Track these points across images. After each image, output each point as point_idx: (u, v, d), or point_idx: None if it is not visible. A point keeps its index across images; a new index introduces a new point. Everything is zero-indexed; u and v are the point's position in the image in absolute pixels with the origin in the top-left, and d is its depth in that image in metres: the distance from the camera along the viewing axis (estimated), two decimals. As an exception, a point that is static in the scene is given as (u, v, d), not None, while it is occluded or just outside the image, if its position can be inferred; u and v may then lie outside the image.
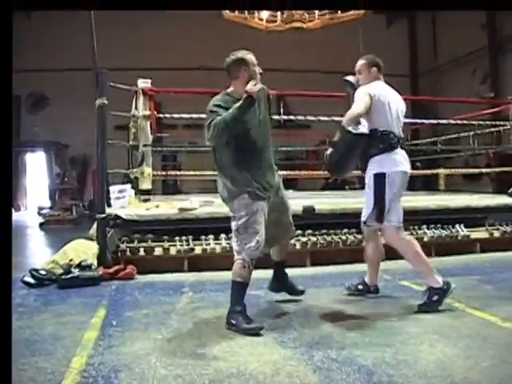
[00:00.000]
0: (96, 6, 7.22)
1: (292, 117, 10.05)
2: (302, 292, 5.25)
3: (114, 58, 15.30)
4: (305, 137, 19.06)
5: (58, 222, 14.89)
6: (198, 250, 6.79)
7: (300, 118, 9.97)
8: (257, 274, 4.94)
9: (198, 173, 10.09)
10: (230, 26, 14.35)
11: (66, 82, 19.05)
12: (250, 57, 4.71)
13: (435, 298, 4.72)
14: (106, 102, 7.02)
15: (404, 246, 5.03)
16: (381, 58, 5.39)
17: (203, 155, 17.63)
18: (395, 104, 5.18)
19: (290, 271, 6.47)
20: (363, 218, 5.14)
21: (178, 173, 11.65)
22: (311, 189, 15.19)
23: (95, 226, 7.03)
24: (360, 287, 5.42)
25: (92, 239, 6.87)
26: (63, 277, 6.03)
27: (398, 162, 4.96)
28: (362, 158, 5.07)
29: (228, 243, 6.84)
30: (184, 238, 7.01)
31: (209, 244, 6.92)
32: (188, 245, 6.87)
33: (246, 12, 12.66)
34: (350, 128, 4.79)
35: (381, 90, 5.13)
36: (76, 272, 6.09)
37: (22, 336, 4.19)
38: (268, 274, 6.32)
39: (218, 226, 6.89)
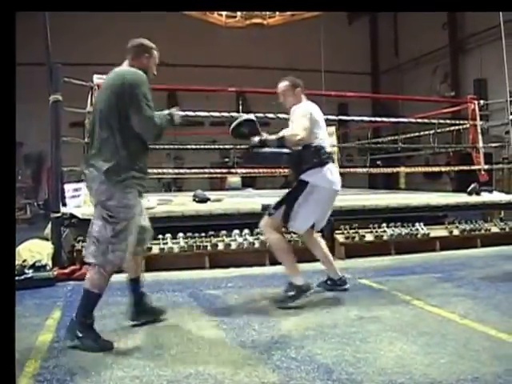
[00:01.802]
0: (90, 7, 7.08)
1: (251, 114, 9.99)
2: (162, 311, 4.63)
3: (71, 53, 15.13)
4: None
5: (12, 222, 14.61)
6: (155, 250, 6.69)
7: (259, 115, 9.92)
8: (212, 273, 4.91)
9: (155, 171, 9.99)
10: (190, 22, 14.27)
11: (20, 77, 18.69)
12: (156, 53, 4.52)
13: (291, 293, 4.96)
14: (60, 97, 6.87)
15: (274, 240, 5.18)
16: (342, 55, 5.48)
17: (162, 152, 17.71)
18: (323, 121, 5.36)
19: (249, 270, 6.45)
20: (271, 207, 5.29)
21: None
22: (270, 187, 15.18)
23: (50, 225, 6.89)
24: (329, 283, 5.58)
25: (47, 239, 6.74)
26: (17, 278, 5.87)
27: (326, 179, 5.10)
28: (296, 170, 5.20)
29: (186, 242, 6.79)
30: (141, 237, 6.88)
31: (166, 243, 6.83)
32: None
33: (205, 7, 12.59)
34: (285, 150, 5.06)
35: (313, 108, 5.29)
36: (30, 273, 5.96)
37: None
38: (223, 272, 6.30)
39: (175, 225, 6.81)
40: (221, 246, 6.86)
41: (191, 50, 19.16)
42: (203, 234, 7.01)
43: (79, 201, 7.36)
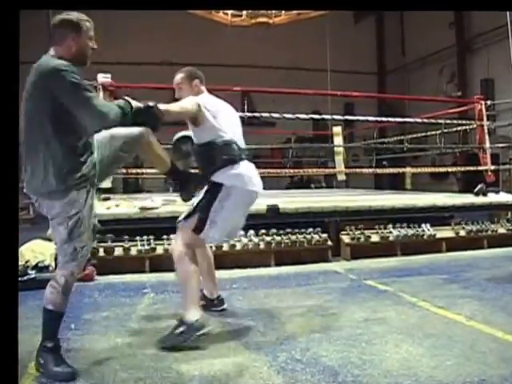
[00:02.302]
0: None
1: (257, 114, 9.98)
2: None
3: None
4: (269, 134, 19.04)
5: (14, 222, 14.58)
6: (159, 250, 6.66)
7: (265, 115, 9.90)
8: (217, 274, 4.87)
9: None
10: (194, 21, 14.26)
11: (23, 76, 18.77)
12: (87, 25, 3.54)
13: (179, 330, 3.95)
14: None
15: (181, 258, 4.17)
16: (348, 54, 5.28)
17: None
18: (231, 113, 4.64)
19: (254, 271, 6.43)
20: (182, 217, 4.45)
21: (139, 171, 11.46)
22: (276, 187, 15.16)
23: (53, 225, 6.87)
24: (202, 303, 4.63)
25: (50, 239, 6.70)
26: (19, 279, 5.86)
27: (242, 179, 4.30)
28: (205, 170, 4.44)
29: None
30: (145, 237, 6.86)
31: (170, 244, 6.79)
32: (149, 245, 6.74)
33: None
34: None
35: (208, 99, 4.53)
36: (33, 273, 5.93)
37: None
38: (228, 273, 6.26)
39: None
40: (226, 247, 6.82)
41: (195, 48, 19.11)
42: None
43: (83, 201, 7.33)
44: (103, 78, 8.16)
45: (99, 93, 8.01)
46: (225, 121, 4.41)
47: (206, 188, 4.35)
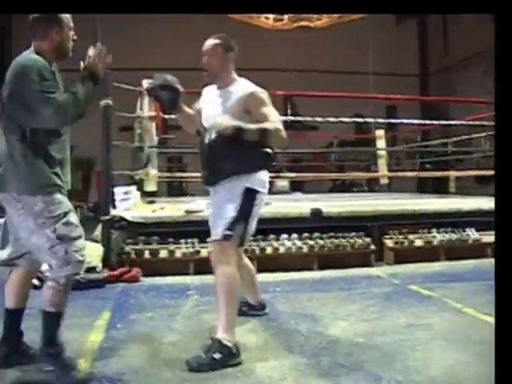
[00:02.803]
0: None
1: (300, 118, 9.98)
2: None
3: (120, 58, 15.27)
4: (312, 138, 18.99)
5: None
6: (203, 253, 6.69)
7: (308, 119, 9.90)
8: (260, 277, 4.89)
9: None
10: (235, 26, 14.30)
11: (68, 81, 19.05)
12: (67, 17, 3.47)
13: (217, 356, 3.57)
14: (110, 102, 6.96)
15: (229, 276, 3.81)
16: (390, 57, 5.09)
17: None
18: None
19: (297, 275, 6.43)
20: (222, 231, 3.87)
21: (183, 174, 11.56)
22: (318, 191, 15.12)
23: (100, 227, 7.00)
24: (244, 309, 4.65)
25: (97, 241, 6.82)
26: (68, 279, 5.98)
27: (264, 184, 4.02)
28: (228, 168, 3.90)
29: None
30: (190, 240, 6.92)
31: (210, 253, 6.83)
32: (194, 247, 6.80)
33: (252, 10, 12.60)
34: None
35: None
36: (81, 274, 6.03)
37: (27, 338, 4.14)
38: (271, 277, 6.27)
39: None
40: (269, 250, 6.85)
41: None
42: (251, 238, 7.00)
43: (129, 204, 7.44)
44: (148, 83, 8.25)
45: (145, 98, 8.13)
46: None
47: (239, 196, 3.88)
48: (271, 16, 12.83)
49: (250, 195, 3.88)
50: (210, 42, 4.12)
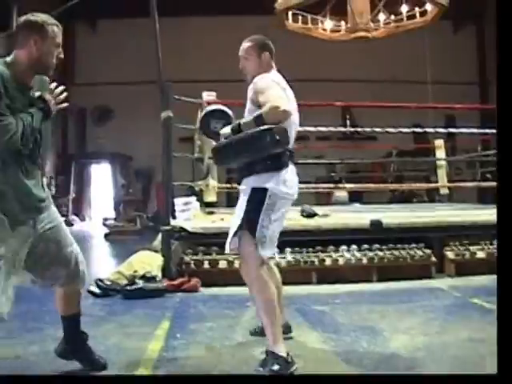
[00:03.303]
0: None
1: (359, 128, 9.93)
2: (104, 366, 3.70)
3: (179, 70, 15.48)
4: (371, 148, 18.85)
5: (122, 233, 15.02)
6: (262, 263, 6.72)
7: (367, 129, 9.84)
8: (319, 289, 4.86)
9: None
10: (292, 37, 14.33)
11: (131, 94, 19.39)
12: (53, 29, 3.18)
13: (276, 367, 3.49)
14: (171, 114, 7.07)
15: (264, 289, 3.68)
16: (448, 65, 4.94)
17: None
18: (294, 104, 4.00)
19: (356, 287, 6.37)
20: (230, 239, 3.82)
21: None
22: (377, 202, 14.99)
23: (159, 237, 7.10)
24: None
25: (156, 251, 6.91)
26: (128, 288, 6.08)
27: (285, 184, 3.73)
28: (243, 169, 3.83)
29: (293, 257, 6.79)
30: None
31: (273, 257, 6.83)
32: (252, 258, 6.79)
33: (310, 22, 12.60)
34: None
35: (285, 83, 3.94)
36: (141, 283, 6.14)
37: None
38: (330, 288, 6.22)
39: (282, 239, 6.82)
40: (328, 262, 6.81)
41: (294, 64, 19.20)
42: (310, 249, 6.99)
43: (188, 214, 7.52)
44: (208, 95, 8.37)
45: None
46: (291, 118, 3.80)
47: (246, 196, 3.77)
48: (328, 27, 12.79)
49: (256, 195, 3.69)
50: (244, 45, 4.09)
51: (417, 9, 11.95)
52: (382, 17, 12.06)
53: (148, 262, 6.58)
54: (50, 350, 3.97)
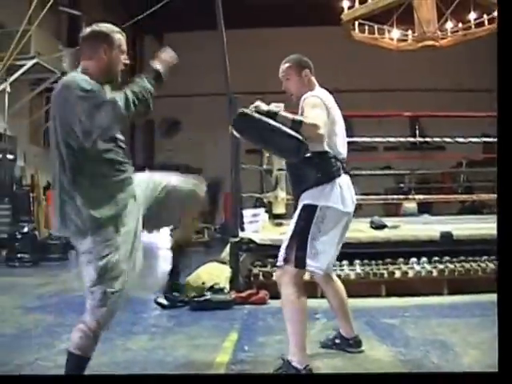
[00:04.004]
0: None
1: (428, 138, 9.79)
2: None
3: (247, 83, 15.59)
4: (440, 159, 18.54)
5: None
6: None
7: (436, 139, 9.69)
8: (388, 301, 4.78)
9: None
10: (359, 48, 14.27)
11: (199, 107, 19.63)
12: (118, 37, 3.30)
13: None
14: (239, 126, 7.12)
15: (291, 298, 3.85)
16: None
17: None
18: (340, 117, 4.10)
19: (426, 300, 6.25)
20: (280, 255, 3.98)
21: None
22: (446, 213, 14.70)
23: (227, 249, 7.13)
24: (337, 341, 4.46)
25: (224, 262, 6.94)
26: (196, 299, 6.12)
27: (335, 197, 3.80)
28: (294, 187, 4.09)
29: (363, 269, 6.73)
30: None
31: (342, 270, 6.77)
32: (321, 270, 6.75)
33: (376, 32, 12.52)
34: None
35: (329, 99, 4.02)
36: (209, 295, 6.18)
37: (155, 357, 4.27)
38: (399, 301, 6.14)
39: (351, 251, 6.77)
40: (398, 274, 6.71)
41: (361, 75, 19.12)
42: (380, 262, 6.90)
43: (257, 226, 7.53)
44: (276, 107, 8.37)
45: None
46: (336, 129, 3.98)
47: (297, 212, 3.89)
48: (395, 37, 12.68)
49: (307, 212, 3.81)
50: (283, 67, 4.21)
51: (485, 16, 11.71)
52: (449, 25, 11.87)
53: (216, 273, 6.62)
54: (119, 361, 4.05)
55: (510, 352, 2.38)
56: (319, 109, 3.77)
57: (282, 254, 3.90)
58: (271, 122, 3.60)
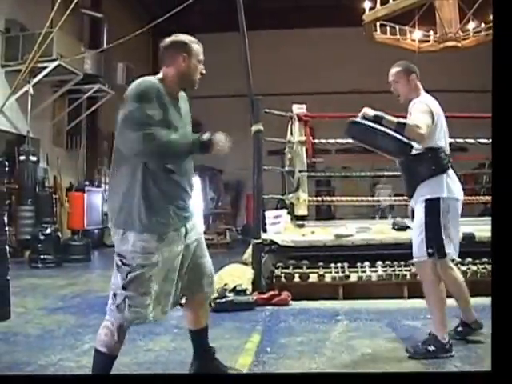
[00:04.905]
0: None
1: (451, 139, 9.71)
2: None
3: (268, 83, 15.59)
4: (462, 160, 18.37)
5: (211, 246, 15.01)
6: (353, 278, 6.64)
7: (459, 140, 9.61)
8: (411, 303, 4.72)
9: (352, 198, 9.94)
10: (381, 49, 14.20)
11: (219, 107, 19.66)
12: (196, 47, 3.51)
13: (431, 348, 4.18)
14: (261, 128, 7.14)
15: (435, 286, 4.34)
16: None
17: (357, 180, 17.69)
18: (442, 115, 4.52)
19: (448, 301, 6.18)
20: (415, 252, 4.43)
21: (332, 198, 11.56)
22: (469, 215, 14.58)
23: (249, 250, 7.13)
24: (459, 329, 4.67)
25: (246, 264, 6.95)
26: (218, 300, 6.12)
27: (450, 188, 4.28)
28: (409, 181, 4.48)
29: (385, 271, 6.69)
30: (339, 264, 6.85)
31: (364, 271, 6.75)
32: (343, 272, 6.72)
33: (398, 33, 12.44)
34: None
35: (433, 102, 4.46)
36: (231, 296, 6.18)
37: (177, 358, 4.29)
38: (421, 303, 6.07)
39: (374, 252, 6.75)
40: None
41: (383, 76, 18.99)
42: (402, 263, 6.86)
43: (279, 227, 7.52)
44: (298, 108, 8.40)
45: (295, 123, 8.26)
46: (441, 126, 4.43)
47: (421, 208, 4.32)
48: (417, 37, 12.60)
49: (431, 206, 4.27)
50: (392, 71, 4.57)
51: (507, 16, 11.60)
52: (471, 25, 11.77)
53: (238, 275, 6.63)
54: (141, 362, 4.08)
55: (504, 351, 2.41)
56: (424, 113, 4.23)
57: (419, 249, 4.35)
58: (378, 126, 4.04)
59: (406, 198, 4.75)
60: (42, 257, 10.65)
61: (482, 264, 6.84)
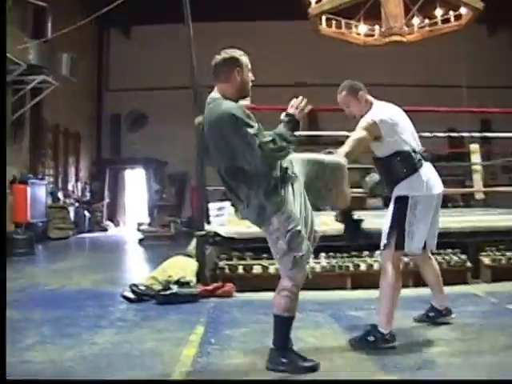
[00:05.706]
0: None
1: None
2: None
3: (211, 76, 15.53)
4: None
5: (156, 238, 15.10)
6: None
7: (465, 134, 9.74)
8: (354, 294, 4.82)
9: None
10: (324, 41, 14.28)
11: (165, 100, 19.53)
12: (245, 59, 3.90)
13: (371, 338, 4.31)
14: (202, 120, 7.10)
15: (390, 275, 4.45)
16: (483, 69, 5.03)
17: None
18: (403, 116, 4.75)
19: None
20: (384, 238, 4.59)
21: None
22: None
23: (193, 242, 7.12)
24: (430, 314, 5.04)
25: (190, 256, 6.94)
26: (162, 293, 6.12)
27: (423, 185, 4.47)
28: (387, 183, 4.73)
29: (328, 262, 6.76)
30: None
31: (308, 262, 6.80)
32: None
33: (344, 27, 12.56)
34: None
35: (384, 111, 4.60)
36: (175, 288, 6.17)
37: (121, 350, 4.28)
38: (365, 294, 6.17)
39: (318, 244, 6.81)
40: (363, 267, 6.78)
41: (327, 69, 19.12)
42: (345, 255, 6.95)
43: (223, 219, 7.54)
44: (242, 100, 8.37)
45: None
46: (403, 129, 4.59)
47: (392, 204, 4.57)
48: (362, 31, 12.73)
49: (400, 203, 4.49)
50: (341, 98, 4.73)
51: (451, 12, 11.83)
52: (416, 21, 11.96)
53: (182, 267, 6.61)
54: (86, 355, 4.04)
55: None
56: (363, 130, 4.44)
57: (383, 240, 4.52)
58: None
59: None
60: (-16, 251, 10.41)
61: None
